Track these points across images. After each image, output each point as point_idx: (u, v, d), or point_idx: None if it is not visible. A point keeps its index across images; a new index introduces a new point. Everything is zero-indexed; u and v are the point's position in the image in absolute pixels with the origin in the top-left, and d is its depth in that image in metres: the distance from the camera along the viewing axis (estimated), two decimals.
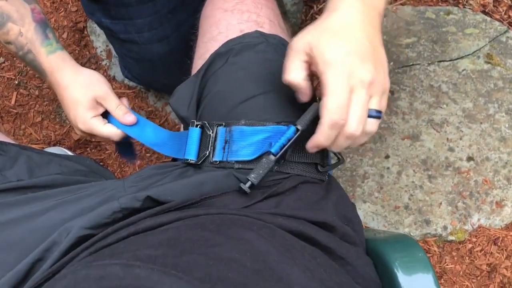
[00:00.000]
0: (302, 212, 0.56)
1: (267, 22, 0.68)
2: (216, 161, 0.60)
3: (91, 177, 0.72)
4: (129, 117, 0.75)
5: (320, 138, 0.52)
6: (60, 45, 0.78)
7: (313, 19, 1.33)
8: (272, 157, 0.55)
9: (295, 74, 0.54)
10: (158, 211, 0.55)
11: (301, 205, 0.57)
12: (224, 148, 0.60)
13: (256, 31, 0.66)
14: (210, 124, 0.62)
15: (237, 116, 0.61)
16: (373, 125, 0.53)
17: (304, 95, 0.56)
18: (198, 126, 0.63)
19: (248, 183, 0.55)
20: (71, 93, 0.74)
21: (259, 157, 0.58)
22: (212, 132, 0.61)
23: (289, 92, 0.58)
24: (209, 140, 0.61)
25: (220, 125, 0.61)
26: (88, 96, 0.74)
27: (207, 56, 0.67)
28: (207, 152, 0.61)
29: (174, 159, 0.73)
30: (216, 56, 0.65)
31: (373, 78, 0.51)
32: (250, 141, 0.58)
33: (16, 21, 0.74)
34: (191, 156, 0.62)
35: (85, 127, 0.75)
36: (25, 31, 0.74)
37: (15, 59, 1.32)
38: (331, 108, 0.50)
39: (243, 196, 0.57)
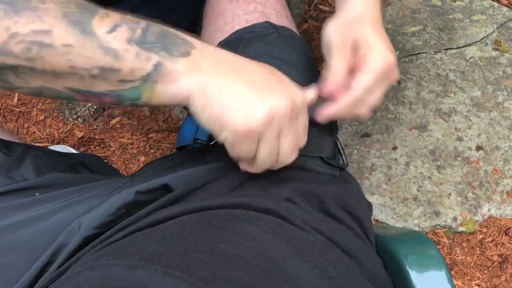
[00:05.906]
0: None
1: (274, 13, 0.67)
2: None
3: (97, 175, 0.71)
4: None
5: (348, 102, 0.53)
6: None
7: (316, 9, 1.30)
8: None
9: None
10: (164, 202, 0.54)
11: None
12: None
13: (266, 22, 0.65)
14: None
15: None
16: None
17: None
18: None
19: None
20: None
21: None
22: None
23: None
24: None
25: None
26: None
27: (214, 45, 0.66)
28: None
29: (178, 149, 0.72)
30: (226, 44, 0.64)
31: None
32: None
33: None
34: (203, 137, 0.62)
35: None
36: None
37: None
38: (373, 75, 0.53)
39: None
